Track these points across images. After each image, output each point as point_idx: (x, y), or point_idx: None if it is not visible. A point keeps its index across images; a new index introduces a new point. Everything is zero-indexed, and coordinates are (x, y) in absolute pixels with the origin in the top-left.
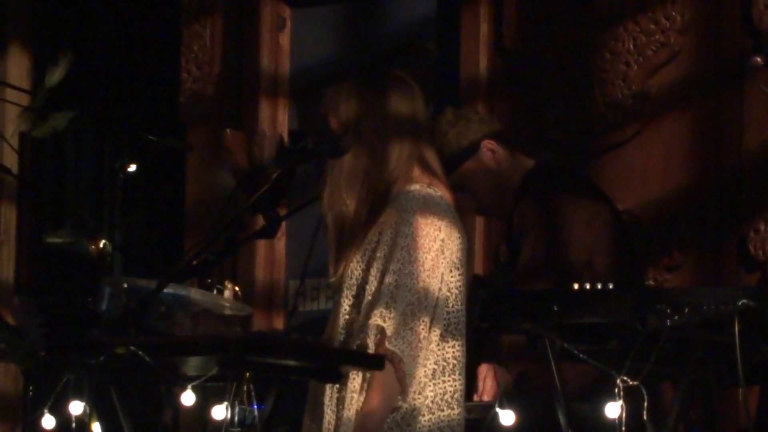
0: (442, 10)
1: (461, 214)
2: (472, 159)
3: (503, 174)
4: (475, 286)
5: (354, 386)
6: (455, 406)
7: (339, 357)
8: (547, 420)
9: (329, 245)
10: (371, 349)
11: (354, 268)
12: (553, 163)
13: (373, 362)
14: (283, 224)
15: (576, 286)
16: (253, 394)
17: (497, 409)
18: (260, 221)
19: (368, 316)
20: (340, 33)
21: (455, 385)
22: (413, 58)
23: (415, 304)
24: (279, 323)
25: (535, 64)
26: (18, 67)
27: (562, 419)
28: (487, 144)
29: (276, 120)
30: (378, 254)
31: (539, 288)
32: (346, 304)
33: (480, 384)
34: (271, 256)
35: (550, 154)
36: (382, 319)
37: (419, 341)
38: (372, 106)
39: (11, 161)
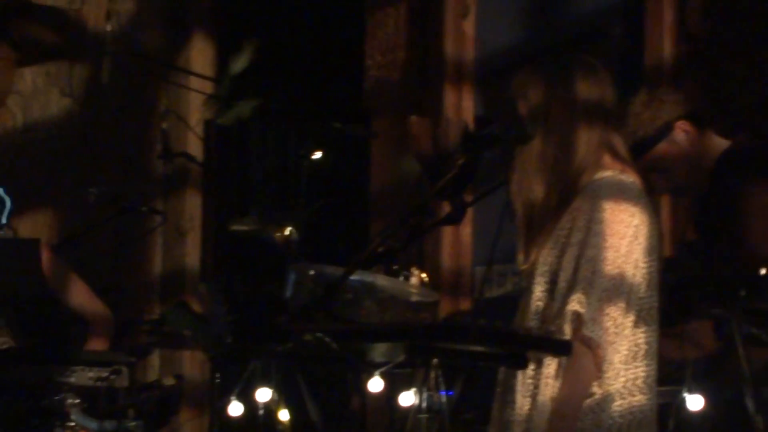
0: None
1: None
2: (667, 140)
3: (697, 155)
4: (662, 271)
5: (549, 372)
6: (647, 392)
7: (526, 342)
8: (735, 405)
9: (517, 232)
10: (568, 335)
11: (546, 254)
12: (748, 145)
13: (560, 348)
14: (469, 210)
15: (764, 271)
16: (440, 380)
17: (685, 394)
18: (446, 207)
19: (564, 303)
20: (525, 19)
21: (647, 371)
22: (598, 44)
23: (611, 290)
24: (466, 309)
25: (720, 50)
26: (202, 55)
27: (749, 404)
28: (681, 125)
29: (461, 106)
30: (572, 240)
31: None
32: (537, 291)
33: None
34: (458, 242)
35: (747, 135)
36: (579, 305)
37: (615, 327)
38: (560, 91)
39: (196, 149)
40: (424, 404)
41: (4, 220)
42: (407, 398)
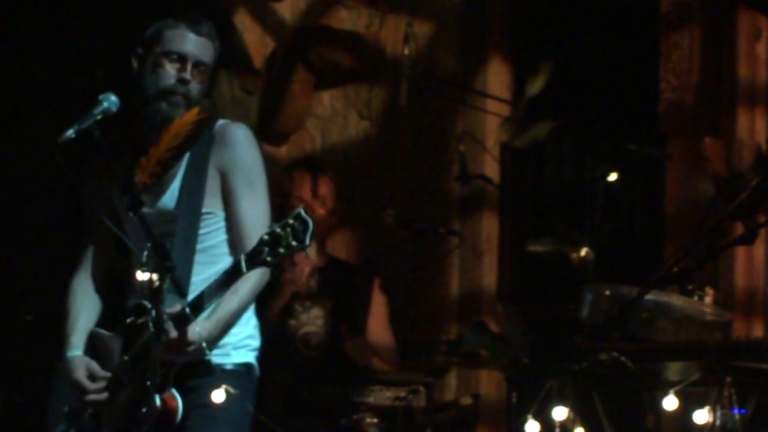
0: None
1: None
2: None
3: None
4: None
5: None
6: None
7: None
8: None
9: None
10: None
11: None
12: None
13: None
14: (762, 231)
15: None
16: (734, 398)
17: None
18: (740, 228)
19: None
20: None
21: None
22: None
23: None
24: (758, 329)
25: None
26: (499, 77)
27: None
28: None
29: (754, 128)
30: None
31: None
32: None
33: None
34: (751, 262)
35: None
36: None
37: None
38: None
39: (492, 171)
40: (719, 422)
41: (308, 242)
42: (701, 416)
